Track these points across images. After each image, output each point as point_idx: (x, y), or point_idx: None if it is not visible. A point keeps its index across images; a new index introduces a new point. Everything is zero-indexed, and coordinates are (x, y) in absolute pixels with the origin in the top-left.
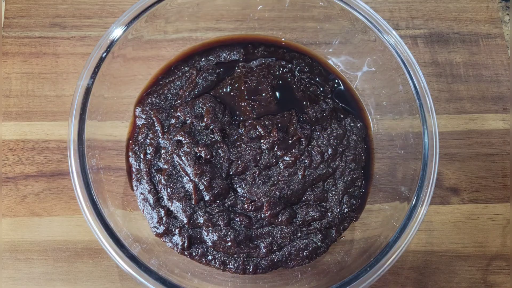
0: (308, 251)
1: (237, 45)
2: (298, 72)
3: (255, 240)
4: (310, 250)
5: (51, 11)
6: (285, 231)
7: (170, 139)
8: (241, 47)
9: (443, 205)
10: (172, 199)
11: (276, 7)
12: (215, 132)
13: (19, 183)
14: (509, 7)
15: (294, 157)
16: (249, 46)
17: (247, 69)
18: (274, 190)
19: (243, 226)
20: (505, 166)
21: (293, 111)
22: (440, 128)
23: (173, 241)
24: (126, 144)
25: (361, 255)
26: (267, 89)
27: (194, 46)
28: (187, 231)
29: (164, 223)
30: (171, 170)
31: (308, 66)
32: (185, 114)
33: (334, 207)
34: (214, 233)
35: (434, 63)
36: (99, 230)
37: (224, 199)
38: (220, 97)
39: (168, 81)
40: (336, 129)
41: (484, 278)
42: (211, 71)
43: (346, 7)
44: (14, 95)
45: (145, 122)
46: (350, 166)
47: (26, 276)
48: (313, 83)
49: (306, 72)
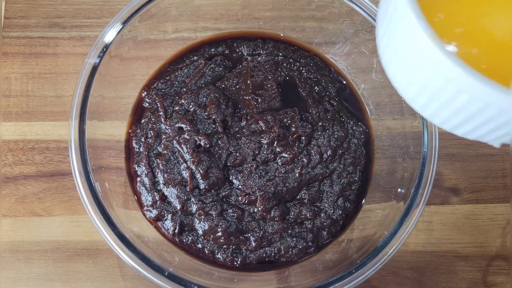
0: (297, 249)
1: (246, 39)
2: (305, 71)
3: (246, 233)
4: (300, 248)
5: (50, 11)
6: (276, 227)
7: (171, 125)
8: (251, 42)
9: (443, 205)
10: (168, 184)
11: (277, 6)
12: (216, 123)
13: (19, 183)
14: None
15: (293, 155)
16: (258, 41)
17: (254, 63)
18: (269, 185)
19: (235, 218)
20: (505, 166)
21: (296, 109)
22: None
23: (165, 226)
24: (126, 129)
25: (356, 254)
26: (272, 85)
27: (204, 38)
28: (179, 217)
29: (157, 207)
30: (169, 155)
31: (315, 66)
32: (189, 102)
33: (328, 208)
34: (205, 222)
35: None
36: (106, 230)
37: (219, 190)
38: (225, 89)
39: (176, 68)
40: (337, 131)
41: (484, 278)
42: (219, 62)
43: (353, 5)
44: (13, 95)
45: (149, 106)
46: (348, 169)
47: (26, 276)
48: (319, 83)
49: (313, 72)
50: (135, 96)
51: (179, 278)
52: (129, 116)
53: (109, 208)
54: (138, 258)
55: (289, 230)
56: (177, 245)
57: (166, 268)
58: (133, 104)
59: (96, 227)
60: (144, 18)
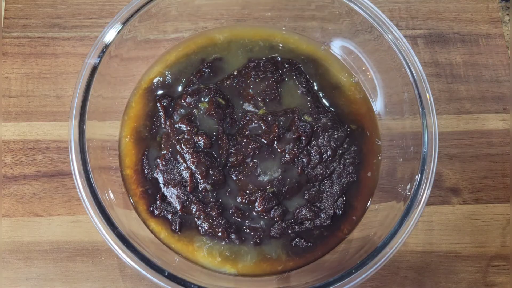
0: (296, 248)
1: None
2: (306, 72)
3: (246, 233)
4: (299, 247)
5: (50, 11)
6: (276, 227)
7: (172, 125)
8: (251, 42)
9: (443, 205)
10: (168, 184)
11: (277, 6)
12: (216, 123)
13: (19, 183)
14: (509, 7)
15: (293, 155)
16: (259, 42)
17: (255, 63)
18: (269, 186)
19: (235, 218)
20: (505, 166)
21: (296, 109)
22: (440, 129)
23: (165, 226)
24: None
25: (356, 254)
26: (272, 85)
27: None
28: (179, 217)
29: (157, 208)
30: (169, 155)
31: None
32: (189, 102)
33: (327, 208)
34: (205, 223)
35: (434, 63)
36: (106, 230)
37: (219, 190)
38: (226, 89)
39: (177, 68)
40: (338, 131)
41: (484, 279)
42: (219, 62)
43: (352, 5)
44: (13, 95)
45: (150, 106)
46: (348, 170)
47: (25, 276)
48: (320, 84)
49: (314, 74)
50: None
51: (179, 278)
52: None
53: (109, 208)
54: (138, 258)
55: (289, 230)
56: (177, 245)
57: (166, 268)
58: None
59: (96, 227)
60: (144, 18)
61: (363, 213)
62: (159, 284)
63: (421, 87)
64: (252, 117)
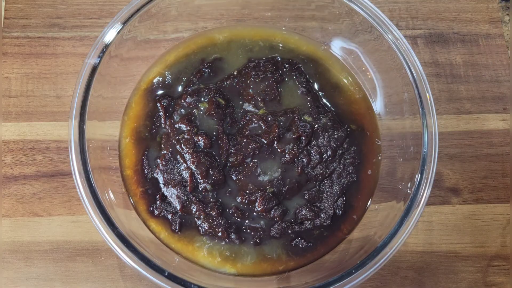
0: (296, 248)
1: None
2: (306, 72)
3: (246, 233)
4: (299, 248)
5: (50, 11)
6: (276, 227)
7: (172, 125)
8: (251, 42)
9: (443, 205)
10: (168, 184)
11: (277, 6)
12: (216, 123)
13: (19, 183)
14: (509, 7)
15: (293, 155)
16: (259, 42)
17: (255, 63)
18: (269, 186)
19: (235, 218)
20: (505, 166)
21: (296, 109)
22: (440, 129)
23: (165, 227)
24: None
25: (356, 254)
26: (272, 85)
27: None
28: (179, 217)
29: (157, 207)
30: (169, 156)
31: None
32: (189, 102)
33: (327, 208)
34: (205, 223)
35: (434, 63)
36: (106, 230)
37: (219, 190)
38: (226, 89)
39: (177, 68)
40: (338, 131)
41: (484, 279)
42: (219, 62)
43: (352, 5)
44: (13, 95)
45: (150, 106)
46: (348, 170)
47: (25, 276)
48: (320, 84)
49: (314, 74)
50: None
51: (179, 278)
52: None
53: (109, 208)
54: (138, 258)
55: (289, 230)
56: (177, 245)
57: (166, 268)
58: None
59: (96, 227)
60: (144, 18)
61: (363, 213)
62: (159, 284)
63: (421, 87)
64: (252, 117)
